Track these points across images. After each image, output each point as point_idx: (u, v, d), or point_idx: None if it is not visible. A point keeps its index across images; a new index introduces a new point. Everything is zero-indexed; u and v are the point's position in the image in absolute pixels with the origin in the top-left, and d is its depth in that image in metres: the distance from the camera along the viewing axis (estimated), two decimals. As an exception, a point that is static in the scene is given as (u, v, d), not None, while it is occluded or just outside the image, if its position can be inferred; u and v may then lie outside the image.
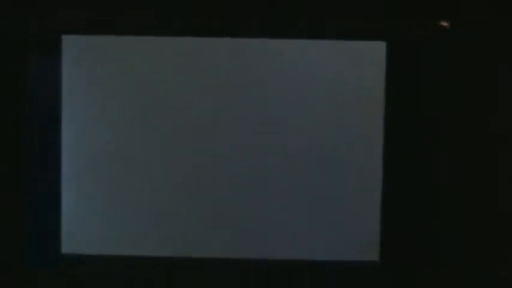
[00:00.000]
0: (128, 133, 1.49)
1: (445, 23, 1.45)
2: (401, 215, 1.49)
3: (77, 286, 1.48)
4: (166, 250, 1.50)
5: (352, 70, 1.49)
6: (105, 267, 1.49)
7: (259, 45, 1.48)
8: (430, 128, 1.46)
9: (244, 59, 1.50)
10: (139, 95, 1.49)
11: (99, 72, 1.49)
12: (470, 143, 1.44)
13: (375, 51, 1.47)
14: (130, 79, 1.49)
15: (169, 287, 1.47)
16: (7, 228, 1.45)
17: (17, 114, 1.45)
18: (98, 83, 1.49)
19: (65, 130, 1.49)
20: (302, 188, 1.50)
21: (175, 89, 1.49)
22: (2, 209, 1.45)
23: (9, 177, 1.45)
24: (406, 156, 1.48)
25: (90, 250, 1.49)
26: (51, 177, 1.50)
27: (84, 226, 1.50)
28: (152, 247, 1.51)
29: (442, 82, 1.43)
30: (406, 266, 1.49)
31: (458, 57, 1.43)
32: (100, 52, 1.48)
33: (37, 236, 1.48)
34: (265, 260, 1.49)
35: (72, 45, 1.47)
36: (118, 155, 1.50)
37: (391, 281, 1.50)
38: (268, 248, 1.51)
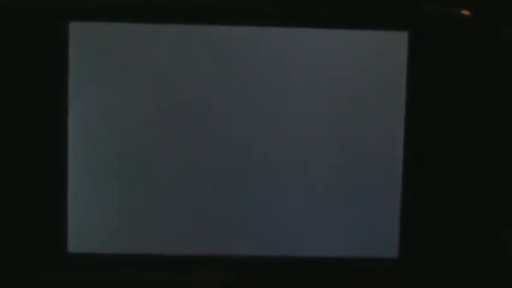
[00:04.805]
0: (137, 128, 1.43)
1: (466, 12, 1.42)
2: (422, 211, 1.46)
3: (84, 286, 1.42)
4: (176, 248, 1.44)
5: (373, 62, 1.44)
6: (113, 267, 1.43)
7: (278, 35, 1.43)
8: (452, 121, 1.43)
9: (259, 49, 1.44)
10: (150, 89, 1.42)
11: (108, 62, 1.42)
12: (497, 136, 1.42)
13: (396, 41, 1.43)
14: (141, 71, 1.42)
15: (179, 285, 1.44)
16: (9, 226, 1.40)
17: (19, 106, 1.38)
18: (107, 74, 1.42)
19: (71, 124, 1.41)
20: (319, 183, 1.45)
21: (186, 80, 1.43)
22: (4, 207, 1.39)
23: (11, 174, 1.39)
24: (428, 150, 1.45)
25: (98, 249, 1.43)
26: (57, 173, 1.41)
27: (92, 224, 1.43)
28: (162, 245, 1.44)
29: (465, 72, 1.41)
30: (425, 264, 1.46)
31: (480, 47, 1.41)
32: (109, 41, 1.41)
33: (42, 235, 1.41)
34: (282, 257, 1.45)
35: (79, 33, 1.40)
36: (127, 150, 1.43)
37: (410, 278, 1.46)
38: (285, 245, 1.45)
